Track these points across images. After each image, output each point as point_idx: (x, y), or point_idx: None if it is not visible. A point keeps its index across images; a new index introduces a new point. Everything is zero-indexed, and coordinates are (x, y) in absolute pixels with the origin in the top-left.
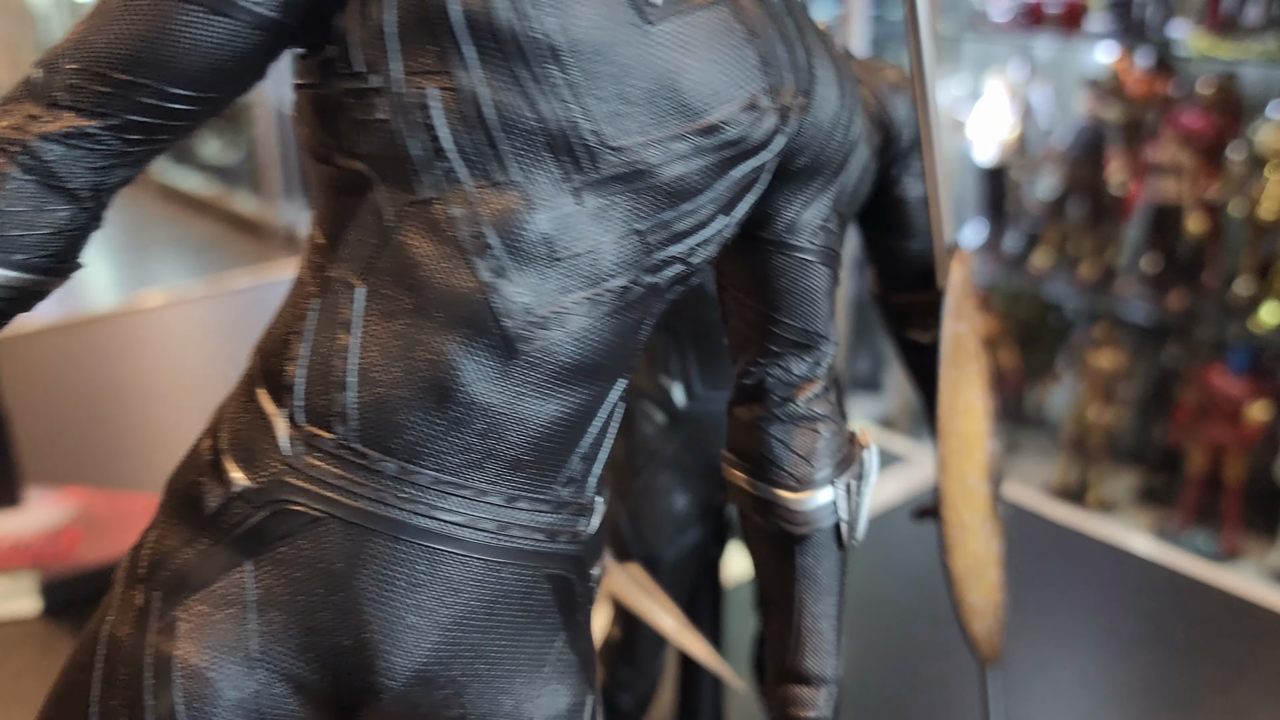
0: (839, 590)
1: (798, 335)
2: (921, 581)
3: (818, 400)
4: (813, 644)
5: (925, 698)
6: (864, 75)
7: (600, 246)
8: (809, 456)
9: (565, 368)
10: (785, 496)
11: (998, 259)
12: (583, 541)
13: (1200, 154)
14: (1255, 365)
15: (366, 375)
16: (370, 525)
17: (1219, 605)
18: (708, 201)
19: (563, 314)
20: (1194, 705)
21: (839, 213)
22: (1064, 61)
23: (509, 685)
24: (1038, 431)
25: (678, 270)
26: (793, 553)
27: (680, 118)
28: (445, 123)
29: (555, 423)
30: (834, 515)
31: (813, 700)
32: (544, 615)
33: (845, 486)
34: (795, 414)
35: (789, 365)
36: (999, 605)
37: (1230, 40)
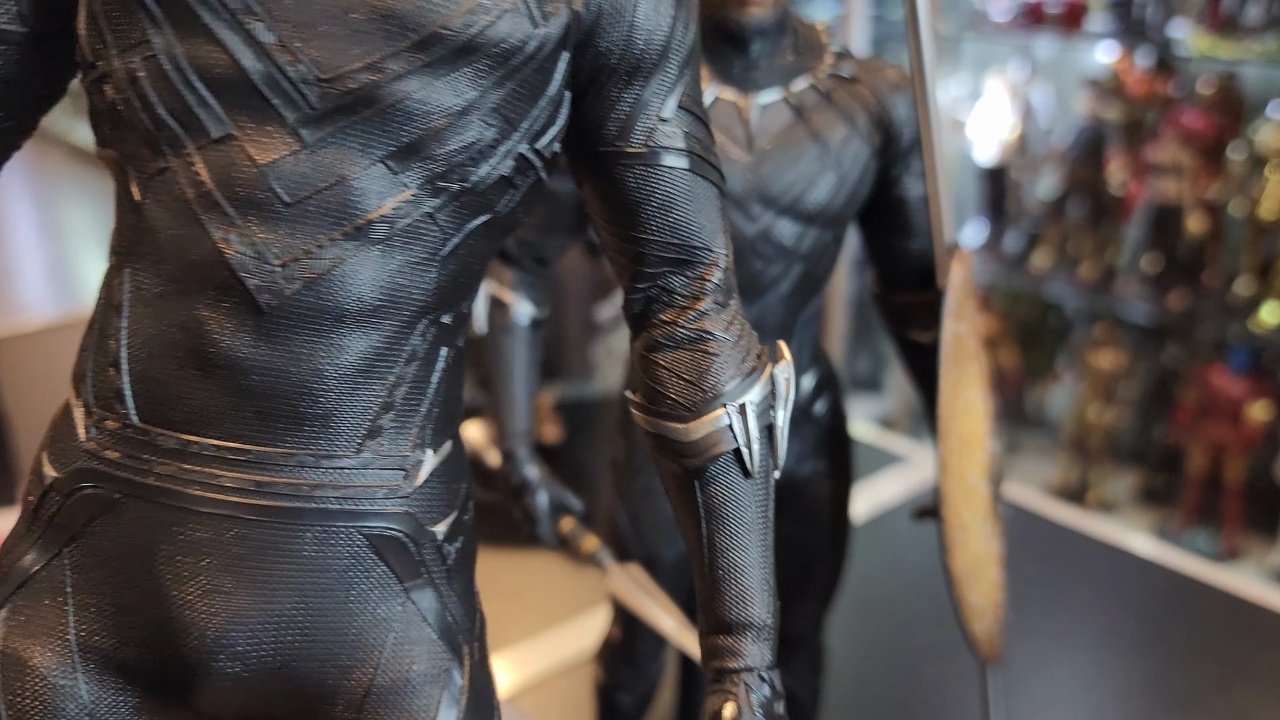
0: (760, 528)
1: (669, 251)
2: (922, 582)
3: (708, 318)
4: (733, 589)
5: (926, 698)
6: (864, 75)
7: (340, 184)
8: (698, 380)
9: (330, 314)
10: (674, 428)
11: (998, 259)
12: (406, 496)
13: (1201, 154)
14: (1256, 365)
15: (136, 354)
16: (163, 501)
17: (1219, 605)
18: (475, 118)
19: (310, 260)
20: (1194, 705)
21: (692, 110)
22: (1064, 61)
23: (344, 652)
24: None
25: (457, 194)
26: (696, 490)
27: (390, 35)
28: (153, 90)
29: (334, 373)
30: (731, 440)
31: (736, 649)
32: (374, 578)
33: (739, 407)
34: (681, 337)
35: (668, 285)
36: (999, 605)
37: (1231, 40)
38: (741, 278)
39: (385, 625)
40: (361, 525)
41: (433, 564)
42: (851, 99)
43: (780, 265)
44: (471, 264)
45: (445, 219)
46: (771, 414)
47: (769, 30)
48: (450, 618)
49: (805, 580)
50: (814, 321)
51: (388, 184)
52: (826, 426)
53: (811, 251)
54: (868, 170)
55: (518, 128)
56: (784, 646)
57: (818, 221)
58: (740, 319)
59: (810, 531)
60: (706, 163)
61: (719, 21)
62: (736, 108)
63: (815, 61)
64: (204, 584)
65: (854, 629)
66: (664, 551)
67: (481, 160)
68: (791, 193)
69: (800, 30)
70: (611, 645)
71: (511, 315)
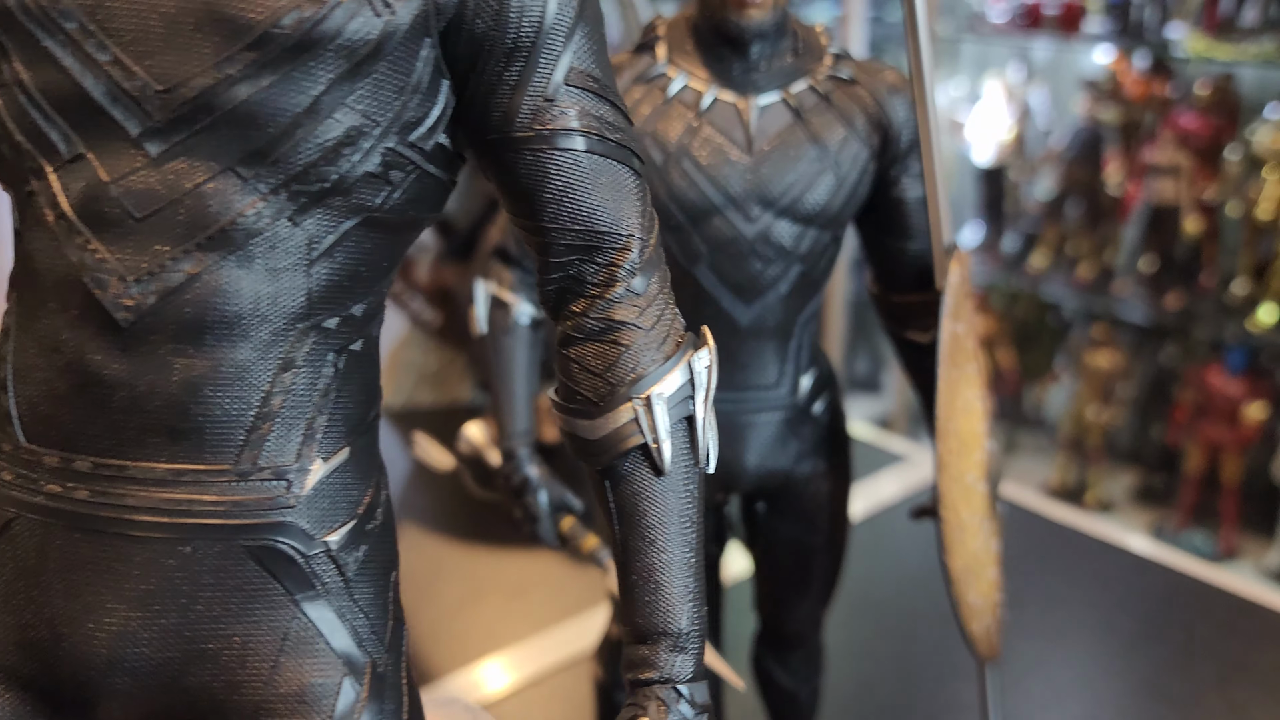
0: (678, 529)
1: (573, 239)
2: (920, 581)
3: (619, 307)
4: (647, 595)
5: (924, 696)
6: (863, 77)
7: (190, 194)
8: (605, 373)
9: (192, 327)
10: (582, 425)
11: (996, 259)
12: (290, 507)
13: (1197, 155)
14: (1252, 365)
15: (21, 376)
16: (50, 519)
17: (1216, 604)
18: (325, 116)
19: (166, 274)
20: (1191, 704)
21: (587, 87)
22: (1062, 63)
23: (233, 666)
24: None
25: (318, 196)
26: (607, 490)
27: (224, 40)
28: (10, 118)
29: (204, 387)
30: (639, 436)
31: (650, 660)
32: (260, 591)
33: (645, 400)
34: (590, 328)
35: (578, 274)
36: (998, 604)
37: (1227, 42)
38: (741, 278)
39: (274, 639)
40: (243, 539)
41: (326, 575)
42: (850, 101)
43: (779, 266)
44: (357, 266)
45: (311, 222)
46: (690, 405)
47: (768, 33)
48: (349, 629)
49: (804, 579)
50: (813, 322)
51: (239, 191)
52: (825, 426)
53: (810, 252)
54: (866, 172)
55: (379, 122)
56: (783, 645)
57: (816, 222)
58: (661, 302)
59: (809, 531)
60: (609, 141)
61: (718, 24)
62: (736, 109)
63: (814, 63)
64: (91, 601)
65: (853, 628)
66: None
67: (339, 159)
68: (790, 194)
69: (799, 32)
70: (611, 643)
71: (512, 316)
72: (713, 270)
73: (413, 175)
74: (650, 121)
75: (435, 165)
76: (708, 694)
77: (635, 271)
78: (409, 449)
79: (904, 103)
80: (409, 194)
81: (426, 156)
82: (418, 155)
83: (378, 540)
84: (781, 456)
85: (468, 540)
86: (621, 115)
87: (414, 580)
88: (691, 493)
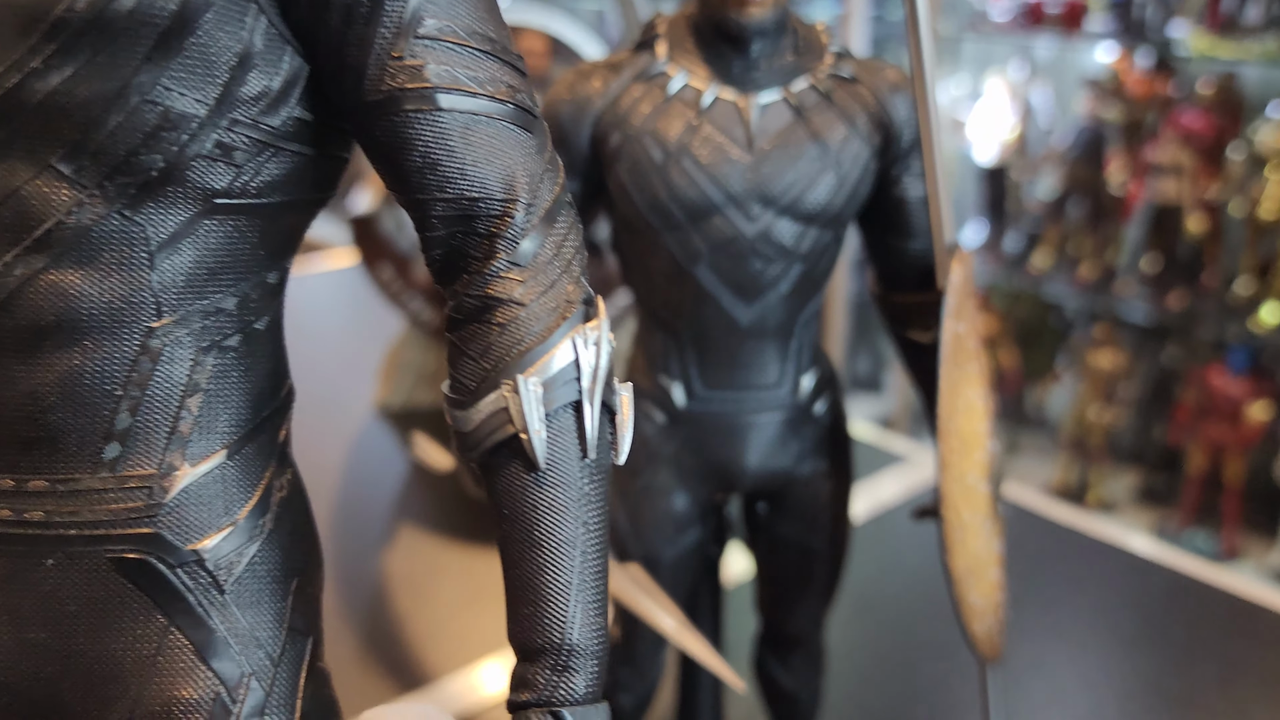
0: (563, 531)
1: (446, 209)
2: (922, 581)
3: (498, 281)
4: (527, 607)
5: (925, 697)
6: (864, 75)
7: (12, 197)
8: (482, 356)
9: (31, 334)
10: (457, 415)
11: (998, 259)
12: (153, 517)
13: (1200, 154)
14: (1255, 365)
15: None
16: None
17: (1219, 605)
18: (139, 100)
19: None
20: (1194, 704)
21: (445, 40)
22: (1064, 62)
23: (103, 682)
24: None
25: (148, 185)
26: (488, 488)
27: (21, 30)
28: None
29: (51, 395)
30: (509, 426)
31: (527, 679)
32: (127, 604)
33: (514, 385)
34: (470, 307)
35: (460, 247)
36: (999, 605)
37: (1230, 40)
38: (741, 278)
39: (143, 653)
40: (105, 550)
41: (198, 585)
42: (851, 99)
43: (780, 265)
44: (217, 256)
45: (147, 215)
46: (578, 390)
47: (769, 30)
48: (227, 643)
49: (805, 580)
50: (813, 322)
51: (61, 188)
52: (826, 426)
53: (811, 252)
54: (867, 170)
55: (204, 101)
56: (784, 646)
57: (817, 222)
58: (554, 271)
59: (810, 532)
60: (480, 97)
61: (719, 21)
62: (736, 108)
63: (815, 62)
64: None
65: (854, 628)
66: (664, 551)
67: (163, 144)
68: (791, 193)
69: (800, 30)
70: (611, 646)
71: None
72: (713, 270)
73: (268, 155)
74: (650, 120)
75: (298, 143)
76: (608, 718)
77: (518, 240)
78: (408, 449)
79: (905, 101)
80: (270, 176)
81: (279, 134)
82: (265, 134)
83: (269, 545)
84: (782, 457)
85: (466, 541)
86: (504, 66)
87: (412, 581)
88: (584, 490)
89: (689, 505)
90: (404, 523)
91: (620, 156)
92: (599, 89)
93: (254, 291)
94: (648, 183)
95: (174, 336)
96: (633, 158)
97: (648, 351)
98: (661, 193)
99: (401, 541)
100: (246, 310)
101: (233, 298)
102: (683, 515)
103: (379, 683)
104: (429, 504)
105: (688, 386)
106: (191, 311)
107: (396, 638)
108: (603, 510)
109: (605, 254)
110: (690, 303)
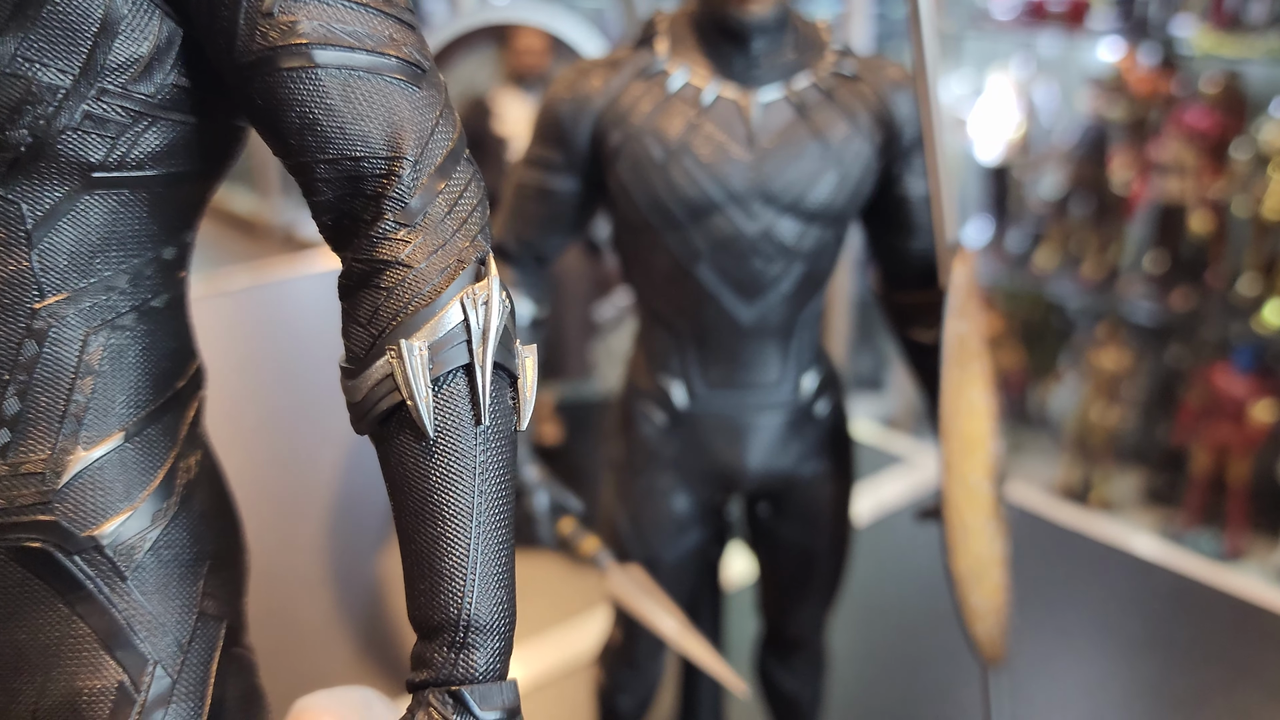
0: (460, 501)
1: (327, 170)
2: (924, 583)
3: (385, 244)
4: (423, 582)
5: (928, 700)
6: (866, 73)
7: None
8: (369, 323)
9: None
10: (347, 387)
11: (1001, 258)
12: (44, 504)
13: (1204, 152)
14: (1259, 365)
15: None
16: None
17: (1223, 607)
18: (8, 74)
19: None
20: (1197, 707)
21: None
22: (1067, 59)
23: (8, 673)
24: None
25: (15, 161)
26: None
27: None
28: None
29: None
30: (395, 393)
31: (424, 657)
32: (30, 594)
33: (398, 350)
34: (358, 273)
35: (347, 211)
36: (1002, 607)
37: (1234, 38)
38: (742, 276)
39: (46, 643)
40: (2, 539)
41: (99, 573)
42: (853, 97)
43: (781, 264)
44: (102, 232)
45: (21, 191)
46: (468, 353)
47: (770, 28)
48: (131, 629)
49: (807, 582)
50: (815, 321)
51: None
52: (828, 427)
53: (813, 251)
54: (869, 169)
55: (67, 70)
56: (786, 648)
57: (819, 220)
58: (446, 229)
59: (812, 533)
60: (356, 50)
61: (720, 18)
62: (738, 106)
63: (817, 59)
64: None
65: (856, 631)
66: (664, 552)
67: (27, 117)
68: (793, 191)
69: (801, 28)
70: (612, 647)
71: None
72: (714, 268)
73: (145, 125)
74: (651, 118)
75: (179, 111)
76: (514, 694)
77: (406, 199)
78: None
79: (907, 99)
80: (151, 147)
81: (156, 103)
82: (140, 103)
83: (175, 529)
84: (784, 457)
85: None
86: (386, 19)
87: None
88: (479, 458)
89: (690, 506)
90: None
91: (621, 155)
92: (599, 87)
93: (148, 268)
94: (648, 181)
95: (60, 317)
96: (633, 156)
97: (648, 351)
98: (662, 191)
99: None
100: (141, 288)
101: (124, 275)
102: (684, 516)
103: (379, 684)
104: None
105: (688, 386)
106: (79, 290)
107: (396, 638)
108: (503, 480)
109: (606, 253)
110: (691, 302)
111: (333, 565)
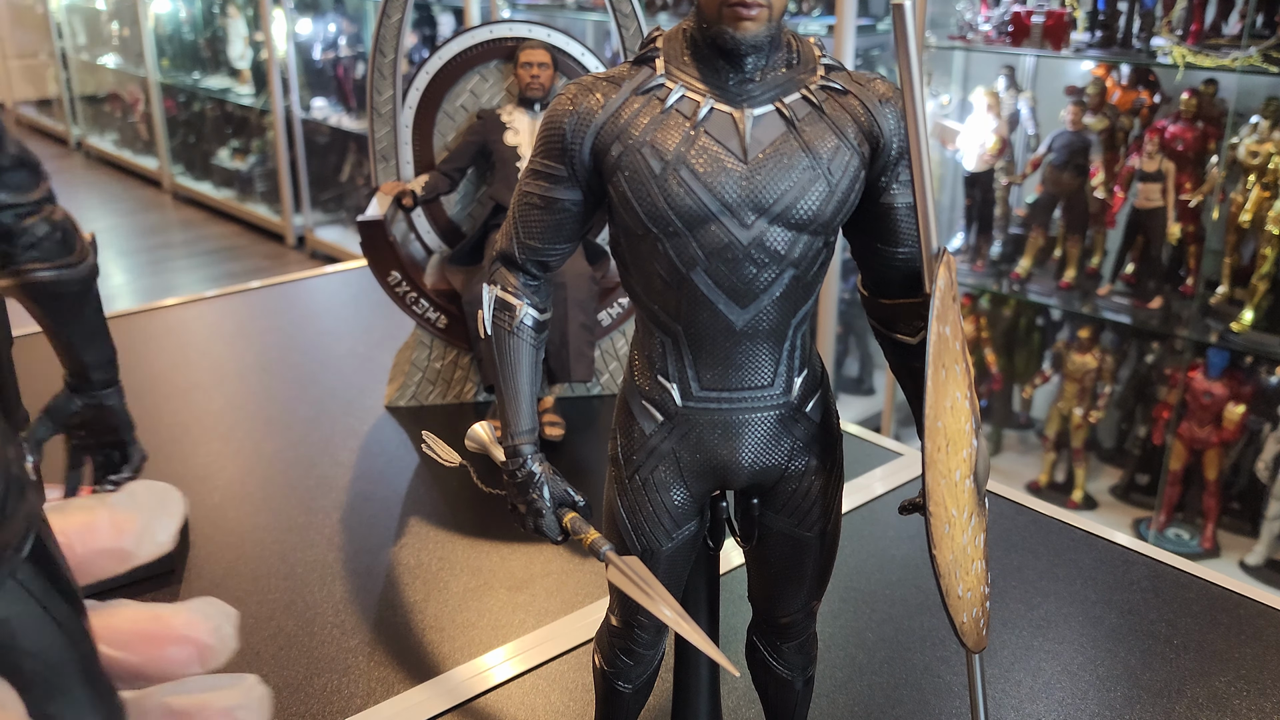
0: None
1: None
2: (910, 573)
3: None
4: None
5: (914, 685)
6: (855, 88)
7: None
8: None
9: None
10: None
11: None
12: None
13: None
14: (1234, 367)
15: None
16: None
17: (1199, 598)
18: None
19: None
20: (1174, 694)
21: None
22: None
23: None
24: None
25: None
26: None
27: None
28: None
29: None
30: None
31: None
32: None
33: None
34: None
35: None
36: (985, 597)
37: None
38: (736, 282)
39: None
40: None
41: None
42: (842, 110)
43: (773, 270)
44: None
45: None
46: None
47: (763, 45)
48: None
49: (797, 572)
50: (806, 324)
51: None
52: (818, 424)
53: (803, 257)
54: (857, 179)
55: None
56: (777, 636)
57: (808, 228)
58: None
59: (802, 525)
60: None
61: (714, 36)
62: (732, 119)
63: (808, 74)
64: None
65: (845, 618)
66: (662, 544)
67: None
68: (784, 201)
69: (793, 44)
70: (612, 635)
71: (517, 318)
72: (709, 275)
73: None
74: (649, 131)
75: None
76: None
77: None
78: (417, 446)
79: (894, 112)
80: None
81: None
82: None
83: None
84: (775, 453)
85: (474, 535)
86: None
87: (423, 573)
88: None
89: (686, 500)
90: (414, 517)
91: (620, 167)
92: (600, 102)
93: None
94: (647, 192)
95: None
96: (632, 168)
97: (646, 353)
98: (660, 201)
99: (410, 535)
100: None
101: None
102: (680, 510)
103: (390, 673)
104: (439, 498)
105: (684, 388)
106: None
107: (407, 628)
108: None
109: (608, 259)
110: (687, 307)
111: (347, 558)
